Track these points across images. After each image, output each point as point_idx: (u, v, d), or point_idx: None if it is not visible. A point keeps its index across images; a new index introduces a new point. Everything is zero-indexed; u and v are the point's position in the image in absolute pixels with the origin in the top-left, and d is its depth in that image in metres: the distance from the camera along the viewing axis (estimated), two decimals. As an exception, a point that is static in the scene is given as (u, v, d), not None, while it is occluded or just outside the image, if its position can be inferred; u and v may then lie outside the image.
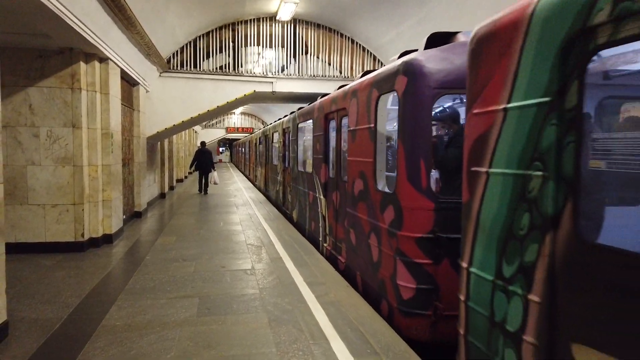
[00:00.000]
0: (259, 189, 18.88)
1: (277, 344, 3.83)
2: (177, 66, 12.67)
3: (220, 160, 58.72)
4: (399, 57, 4.69)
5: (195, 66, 12.87)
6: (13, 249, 6.78)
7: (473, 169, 2.71)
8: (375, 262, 4.90)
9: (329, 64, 14.07)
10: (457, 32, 4.47)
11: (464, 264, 2.80)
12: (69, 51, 7.04)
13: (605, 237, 2.24)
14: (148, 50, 9.77)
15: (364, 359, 3.54)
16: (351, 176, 5.76)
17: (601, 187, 2.63)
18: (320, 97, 7.97)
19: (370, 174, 5.07)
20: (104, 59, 7.63)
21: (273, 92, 13.51)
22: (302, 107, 9.80)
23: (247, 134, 40.23)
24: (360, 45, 14.16)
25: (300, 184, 9.45)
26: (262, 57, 13.75)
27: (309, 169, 8.80)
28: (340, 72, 14.09)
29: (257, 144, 19.87)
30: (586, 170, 2.24)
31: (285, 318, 4.43)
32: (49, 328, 4.19)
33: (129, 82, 10.16)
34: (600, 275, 1.85)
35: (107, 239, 7.80)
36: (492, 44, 2.57)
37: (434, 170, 4.43)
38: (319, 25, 13.85)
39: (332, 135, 7.29)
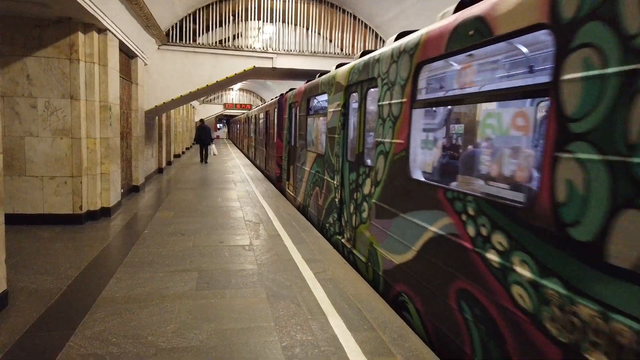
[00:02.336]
0: (245, 155, 26.39)
1: (276, 318, 3.88)
2: (176, 39, 12.47)
3: (218, 137, 58.34)
4: (286, 92, 12.45)
5: (194, 40, 12.68)
6: (11, 220, 6.76)
7: (283, 132, 11.59)
8: (274, 168, 13.08)
9: (330, 41, 13.87)
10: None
11: (284, 158, 11.55)
12: (67, 21, 6.90)
13: (294, 144, 10.28)
14: (147, 22, 9.59)
15: (361, 334, 3.59)
16: (269, 137, 14.72)
17: (297, 137, 9.92)
18: (289, 90, 12.54)
19: (273, 135, 13.55)
20: (102, 30, 7.49)
21: (273, 68, 13.35)
22: (265, 103, 19.88)
23: (244, 111, 39.98)
24: (362, 22, 13.95)
25: (260, 145, 18.24)
26: (262, 32, 13.54)
27: (262, 137, 17.36)
28: (342, 49, 13.91)
29: (244, 122, 29.07)
30: (294, 131, 10.23)
31: (284, 293, 4.47)
32: (49, 298, 4.23)
33: (127, 55, 10.00)
34: (291, 152, 10.56)
35: (105, 212, 7.81)
36: (285, 101, 11.76)
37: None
38: (320, 1, 13.61)
39: (270, 120, 14.83)
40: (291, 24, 13.51)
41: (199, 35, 12.75)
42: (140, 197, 10.23)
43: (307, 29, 13.64)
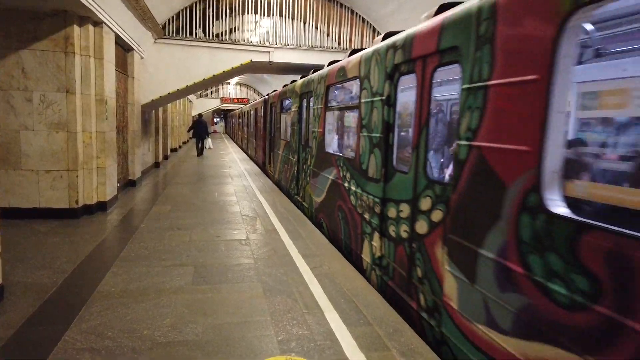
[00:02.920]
0: (240, 147, 28.80)
1: (272, 312, 3.89)
2: (172, 33, 12.39)
3: (215, 131, 57.96)
4: (268, 93, 15.43)
5: (191, 33, 12.60)
6: (7, 214, 6.77)
7: (266, 126, 14.32)
8: (260, 155, 16.05)
9: (328, 35, 13.82)
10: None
11: (267, 147, 14.32)
12: (63, 13, 6.84)
13: (273, 135, 13.13)
14: (143, 15, 9.53)
15: (357, 329, 3.61)
16: (258, 130, 17.30)
17: (275, 129, 12.81)
18: (272, 91, 14.63)
19: (260, 128, 16.30)
20: (98, 23, 7.43)
21: (270, 63, 13.29)
22: (252, 102, 24.02)
23: (242, 105, 39.83)
24: (360, 16, 13.90)
25: (250, 137, 21.01)
26: (260, 26, 13.48)
27: (252, 130, 19.87)
28: (339, 44, 13.86)
29: (239, 117, 33.15)
30: (273, 125, 13.00)
31: (280, 288, 4.48)
32: (45, 292, 4.22)
33: (123, 48, 9.94)
34: (271, 141, 13.28)
35: (101, 207, 7.78)
36: (268, 100, 14.30)
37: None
38: (318, -6, 13.56)
39: (258, 116, 17.09)
40: (288, 17, 13.44)
41: (196, 29, 12.68)
42: (137, 192, 10.21)
43: (305, 23, 13.57)
